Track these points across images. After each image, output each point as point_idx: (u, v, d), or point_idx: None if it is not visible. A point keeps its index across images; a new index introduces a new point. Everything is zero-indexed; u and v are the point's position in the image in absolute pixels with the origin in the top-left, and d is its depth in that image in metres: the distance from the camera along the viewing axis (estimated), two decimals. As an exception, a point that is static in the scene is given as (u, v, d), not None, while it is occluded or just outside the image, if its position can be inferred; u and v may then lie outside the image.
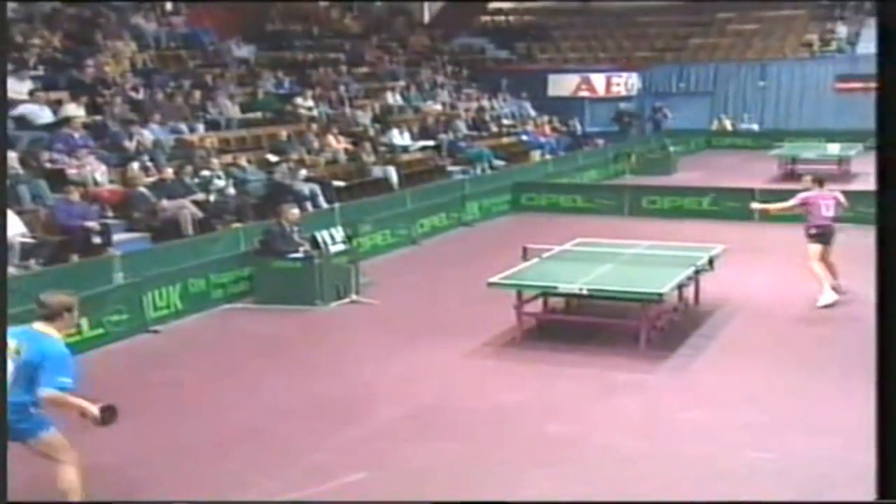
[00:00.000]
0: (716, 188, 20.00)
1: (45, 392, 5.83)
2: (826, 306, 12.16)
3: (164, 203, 15.00)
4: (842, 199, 13.00)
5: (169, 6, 25.84)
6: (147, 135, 17.51)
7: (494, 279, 10.95)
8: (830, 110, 32.70)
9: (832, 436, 8.02)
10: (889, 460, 4.04)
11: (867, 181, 23.09)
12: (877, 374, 4.13)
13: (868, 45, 34.79)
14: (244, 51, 25.03)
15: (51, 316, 6.12)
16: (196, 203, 15.26)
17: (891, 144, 4.07)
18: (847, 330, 11.06)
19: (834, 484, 7.05)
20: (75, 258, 12.98)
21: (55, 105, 17.27)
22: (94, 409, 5.90)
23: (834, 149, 25.90)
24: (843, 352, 10.27)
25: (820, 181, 13.23)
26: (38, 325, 6.10)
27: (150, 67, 21.35)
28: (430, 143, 24.11)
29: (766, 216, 15.42)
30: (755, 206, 15.03)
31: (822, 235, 12.61)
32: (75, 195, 14.00)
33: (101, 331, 10.90)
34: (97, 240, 13.48)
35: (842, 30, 35.67)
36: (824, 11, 36.97)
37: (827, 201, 12.74)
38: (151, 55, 22.03)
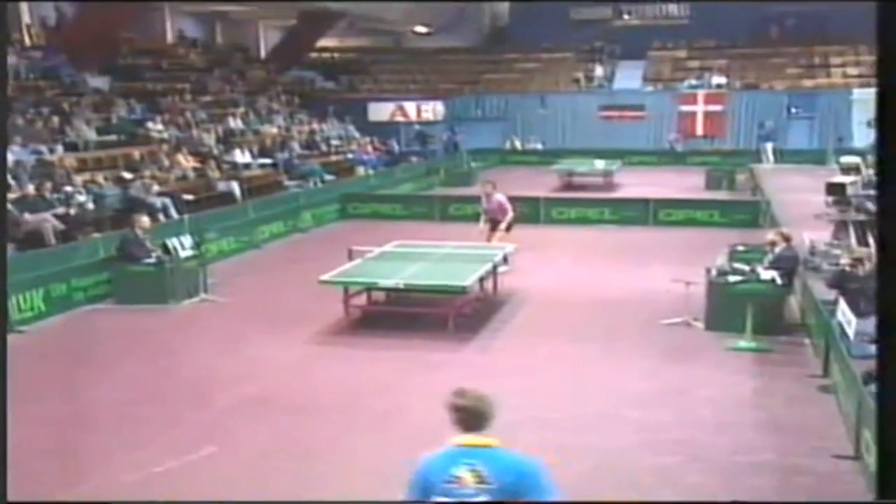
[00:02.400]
0: (509, 196, 20.42)
1: None
2: None
3: (27, 216, 14.11)
4: (504, 201, 14.45)
5: (28, 41, 24.34)
6: (9, 156, 16.42)
7: (325, 277, 10.88)
8: (596, 133, 34.07)
9: (598, 393, 8.41)
10: (889, 460, 4.02)
11: (626, 191, 24.24)
12: (877, 374, 4.15)
13: (622, 81, 36.74)
14: (99, 81, 23.84)
15: (483, 423, 4.06)
16: (57, 216, 14.41)
17: (890, 148, 4.09)
18: (609, 310, 11.65)
19: (600, 432, 7.35)
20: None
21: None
22: None
23: (600, 164, 26.98)
24: (606, 326, 10.83)
25: (493, 186, 14.74)
26: (473, 439, 4.02)
27: (11, 96, 20.00)
28: (269, 161, 23.70)
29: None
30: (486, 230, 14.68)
31: (490, 222, 14.28)
32: (-60, 211, 12.98)
33: (-32, 333, 10.15)
34: (-37, 251, 12.54)
35: (599, 69, 37.30)
36: (586, 55, 38.57)
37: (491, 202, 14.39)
38: (12, 85, 20.66)
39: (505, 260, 12.28)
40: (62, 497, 6.23)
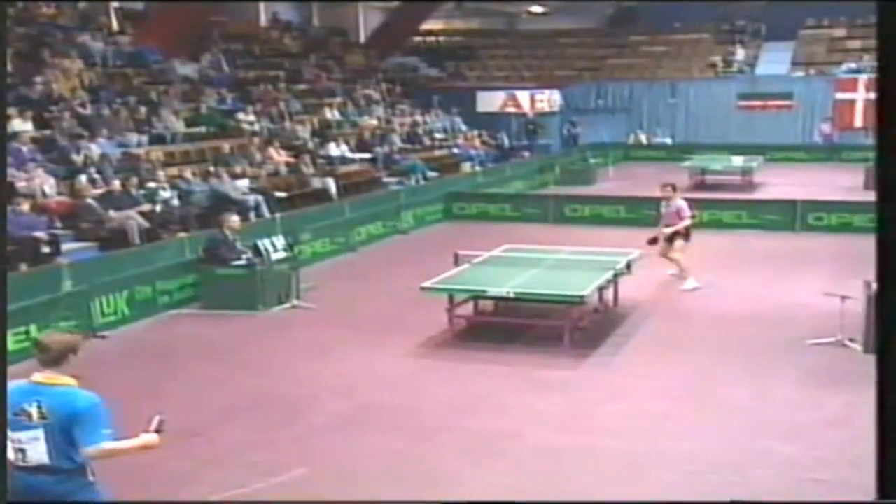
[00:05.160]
0: (632, 197, 20.19)
1: (92, 450, 4.79)
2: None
3: (112, 214, 14.71)
4: (684, 207, 13.87)
5: (115, 26, 25.38)
6: (94, 149, 17.16)
7: (427, 284, 10.94)
8: (734, 126, 33.42)
9: (737, 422, 8.21)
10: (889, 460, 3.98)
11: (768, 191, 23.62)
12: (877, 375, 4.10)
13: (766, 66, 35.76)
14: (188, 69, 24.67)
15: (56, 360, 4.86)
16: (142, 214, 14.99)
17: (890, 154, 4.04)
18: (748, 327, 11.35)
19: (741, 469, 7.14)
20: (24, 267, 12.62)
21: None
22: (153, 437, 5.01)
23: (738, 161, 26.43)
24: (745, 345, 10.55)
25: (674, 187, 14.18)
26: (47, 377, 4.83)
27: (97, 84, 20.93)
28: (367, 155, 24.05)
29: None
30: (661, 237, 13.99)
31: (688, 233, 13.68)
32: (24, 206, 13.65)
33: (49, 337, 10.61)
34: (46, 249, 13.15)
35: (741, 53, 36.46)
36: (725, 36, 37.79)
37: (669, 207, 13.85)
38: (98, 73, 21.61)
39: (629, 267, 12.11)
40: None
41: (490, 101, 33.99)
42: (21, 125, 16.86)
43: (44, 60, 20.37)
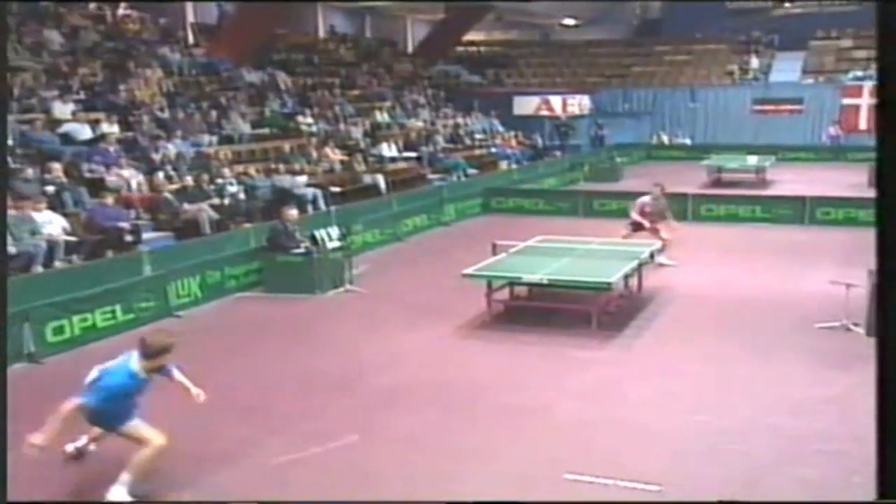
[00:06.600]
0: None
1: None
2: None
3: (186, 206, 14.86)
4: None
5: (191, 40, 25.64)
6: (171, 148, 17.35)
7: (468, 271, 10.93)
8: (749, 128, 33.02)
9: (748, 398, 8.10)
10: (889, 460, 3.89)
11: (779, 188, 23.28)
12: (877, 374, 4.01)
13: (779, 74, 35.25)
14: (254, 76, 24.84)
15: (150, 355, 6.12)
16: (212, 206, 15.13)
17: (889, 152, 3.97)
18: (760, 311, 11.20)
19: (750, 440, 7.07)
20: (110, 254, 12.83)
21: (94, 124, 17.08)
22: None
23: (752, 160, 26.09)
24: (757, 329, 10.40)
25: (662, 189, 14.52)
26: (134, 361, 6.12)
27: (174, 91, 21.15)
28: (413, 154, 24.05)
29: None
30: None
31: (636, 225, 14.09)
32: (111, 200, 13.86)
33: (132, 316, 10.80)
34: (129, 238, 13.32)
35: (755, 62, 35.96)
36: (742, 46, 37.26)
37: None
38: (175, 81, 21.83)
39: (652, 257, 12.02)
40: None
41: (525, 105, 33.77)
42: (108, 128, 17.10)
43: (129, 71, 20.63)
